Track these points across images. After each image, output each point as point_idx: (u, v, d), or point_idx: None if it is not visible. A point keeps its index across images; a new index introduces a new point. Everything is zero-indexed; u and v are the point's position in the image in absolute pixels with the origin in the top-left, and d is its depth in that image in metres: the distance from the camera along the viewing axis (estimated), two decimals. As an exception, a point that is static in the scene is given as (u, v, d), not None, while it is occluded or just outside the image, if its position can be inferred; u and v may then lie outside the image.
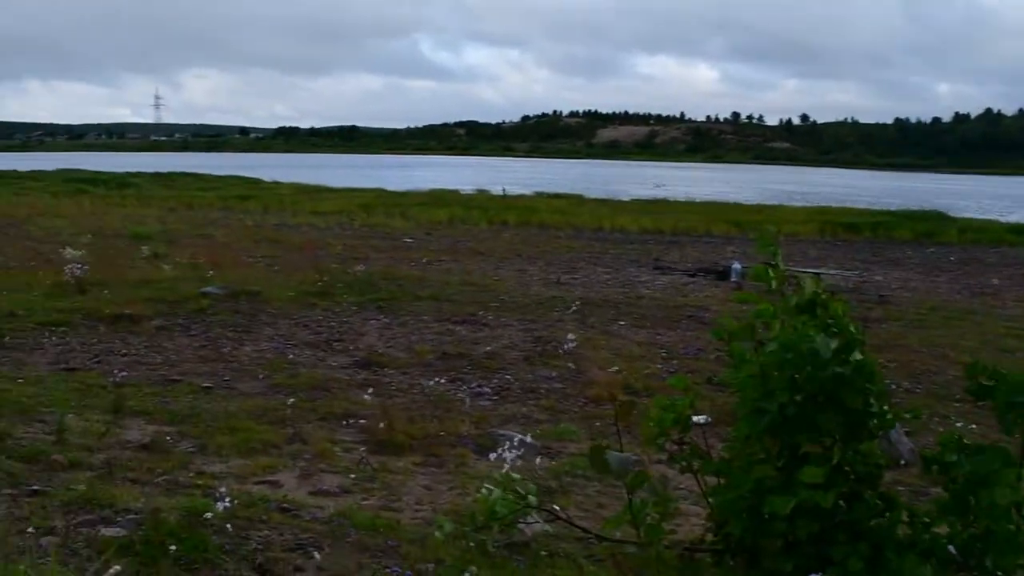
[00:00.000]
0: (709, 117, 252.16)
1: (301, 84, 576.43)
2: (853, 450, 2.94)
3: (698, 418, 3.47)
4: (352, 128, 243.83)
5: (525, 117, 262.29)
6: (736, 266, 17.29)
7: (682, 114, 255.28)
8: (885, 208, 36.48)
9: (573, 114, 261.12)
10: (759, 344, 3.06)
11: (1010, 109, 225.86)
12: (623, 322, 12.17)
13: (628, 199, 39.44)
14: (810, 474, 2.83)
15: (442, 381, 8.59)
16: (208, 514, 4.68)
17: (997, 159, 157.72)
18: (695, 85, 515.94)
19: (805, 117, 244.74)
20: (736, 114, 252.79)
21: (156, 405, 7.41)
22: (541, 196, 39.42)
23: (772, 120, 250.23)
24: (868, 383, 2.92)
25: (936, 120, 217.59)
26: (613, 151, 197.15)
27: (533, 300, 13.42)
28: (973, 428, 7.06)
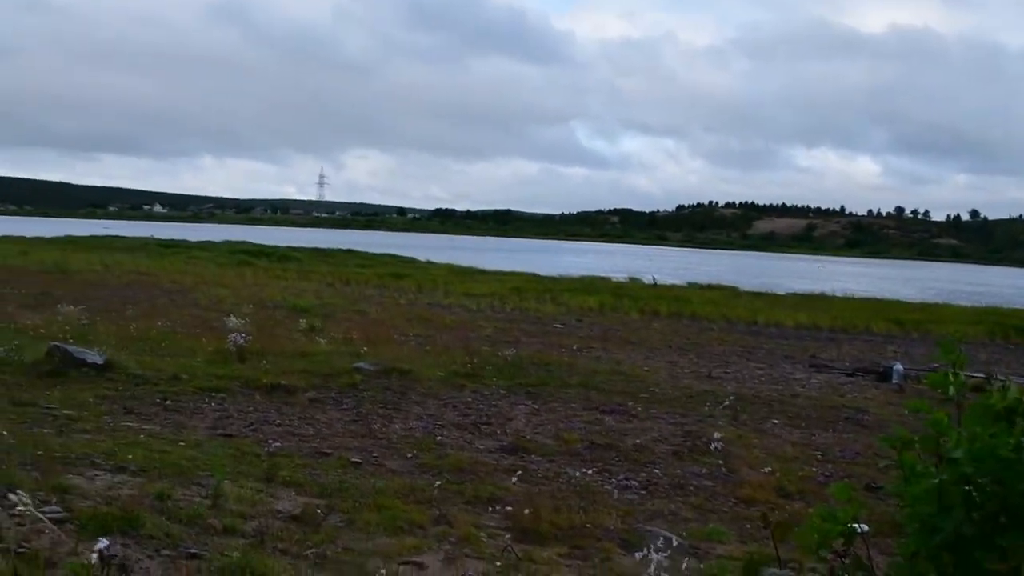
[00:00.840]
0: (871, 211, 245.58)
1: (458, 167, 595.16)
2: None
3: (858, 527, 3.30)
4: (507, 212, 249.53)
5: (680, 206, 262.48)
6: (898, 367, 16.45)
7: (842, 207, 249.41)
8: None
9: (728, 205, 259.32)
10: (940, 457, 2.87)
11: None
12: (777, 420, 11.74)
13: (784, 292, 38.47)
14: None
15: (589, 471, 8.46)
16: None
17: None
18: (856, 178, 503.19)
19: (975, 213, 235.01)
20: (900, 208, 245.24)
21: (307, 477, 7.57)
22: (694, 286, 38.98)
23: (938, 215, 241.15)
24: None
25: None
26: (769, 243, 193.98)
27: (683, 393, 13.14)
28: None
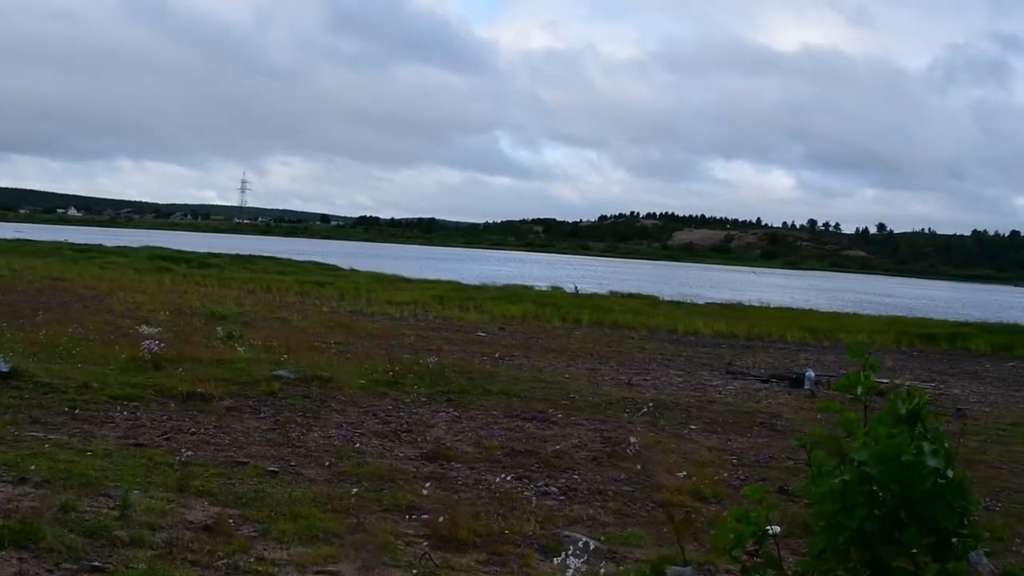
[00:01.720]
0: (785, 223, 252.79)
1: (382, 175, 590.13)
2: (941, 571, 2.77)
3: (770, 528, 3.35)
4: (431, 220, 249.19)
5: (602, 216, 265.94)
6: (810, 374, 16.90)
7: (758, 219, 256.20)
8: (962, 319, 35.93)
9: (650, 215, 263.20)
10: (844, 457, 2.93)
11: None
12: (694, 426, 11.91)
13: (703, 302, 39.16)
14: None
15: (508, 478, 8.44)
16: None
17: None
18: (771, 191, 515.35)
19: (882, 226, 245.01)
20: (812, 221, 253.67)
21: (221, 486, 7.39)
22: (615, 295, 39.39)
23: (848, 228, 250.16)
24: (964, 501, 2.77)
25: (1015, 233, 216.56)
26: (688, 253, 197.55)
27: (603, 400, 13.23)
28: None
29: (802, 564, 3.18)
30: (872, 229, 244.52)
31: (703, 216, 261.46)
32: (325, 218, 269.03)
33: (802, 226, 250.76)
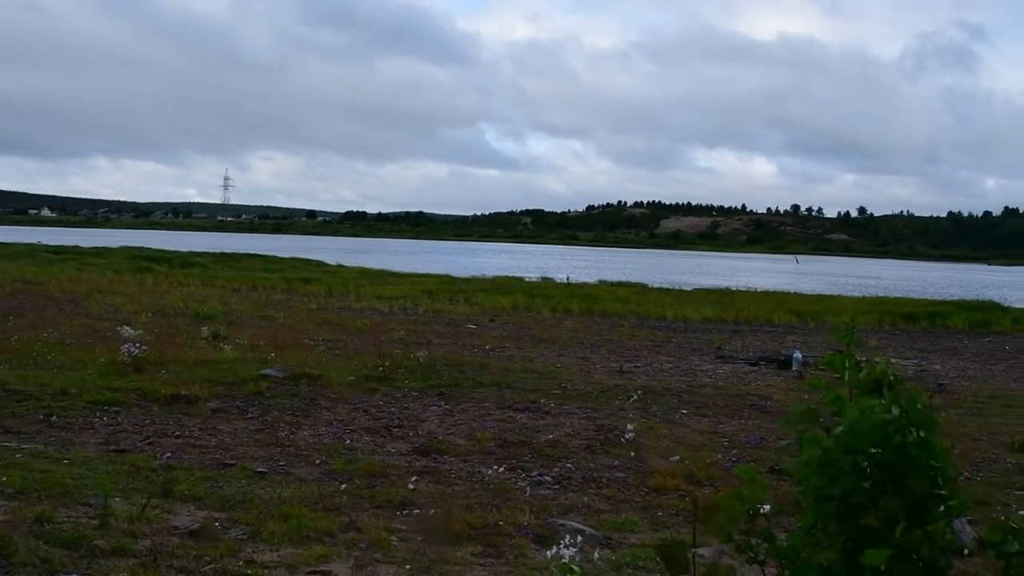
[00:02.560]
0: (770, 209, 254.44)
1: (368, 169, 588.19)
2: (920, 533, 2.72)
3: (761, 507, 3.33)
4: (419, 214, 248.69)
5: (590, 207, 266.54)
6: (797, 355, 16.99)
7: (743, 206, 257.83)
8: (941, 298, 36.74)
9: (637, 204, 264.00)
10: (823, 429, 2.90)
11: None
12: (685, 411, 11.87)
13: (691, 288, 39.21)
14: (872, 556, 2.62)
15: (502, 469, 8.38)
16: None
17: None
18: (755, 178, 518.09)
19: (863, 210, 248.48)
20: (796, 207, 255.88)
21: (207, 490, 7.23)
22: (604, 284, 39.36)
23: (831, 213, 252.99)
24: (933, 461, 2.73)
25: (987, 214, 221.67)
26: (676, 241, 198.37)
27: (595, 388, 13.17)
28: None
29: (793, 539, 3.14)
30: (854, 213, 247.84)
31: (689, 204, 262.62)
32: (311, 214, 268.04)
33: (786, 211, 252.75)
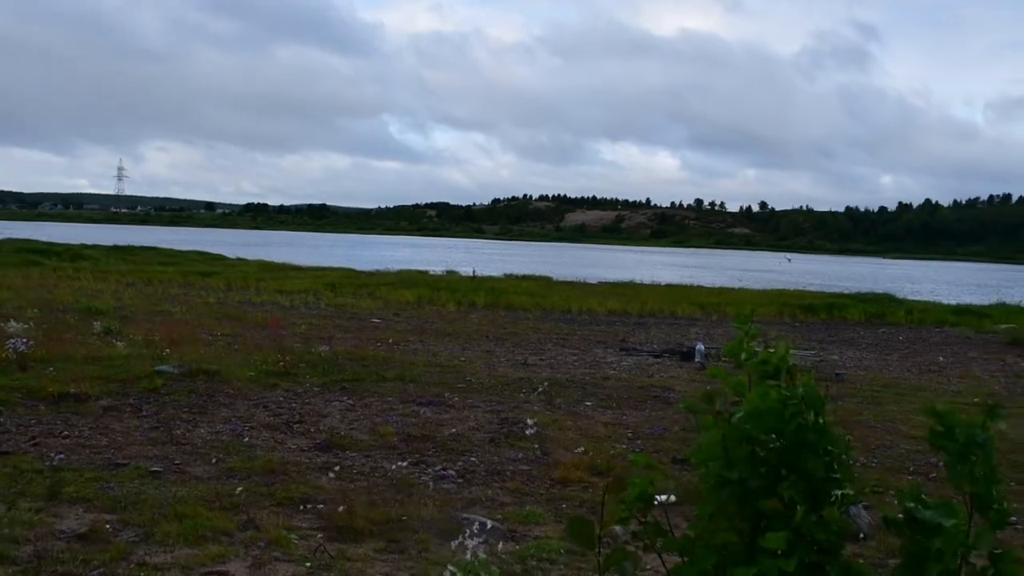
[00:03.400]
0: (673, 203, 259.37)
1: (268, 161, 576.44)
2: (815, 517, 2.78)
3: (663, 497, 3.32)
4: (322, 207, 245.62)
5: (495, 200, 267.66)
6: (700, 347, 17.29)
7: (647, 200, 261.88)
8: (838, 291, 37.83)
9: (542, 198, 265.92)
10: (720, 414, 2.92)
11: (945, 200, 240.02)
12: (589, 403, 11.96)
13: (596, 282, 39.61)
14: (772, 540, 2.66)
15: (405, 464, 8.28)
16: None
17: (935, 245, 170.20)
18: (658, 172, 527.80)
19: (764, 204, 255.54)
20: (699, 200, 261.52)
21: (97, 491, 6.96)
22: (510, 278, 39.45)
23: (733, 207, 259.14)
24: (829, 446, 2.78)
25: (883, 209, 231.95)
26: (581, 234, 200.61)
27: (500, 381, 13.17)
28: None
29: (693, 527, 3.16)
30: (755, 207, 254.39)
31: (594, 197, 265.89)
32: (210, 206, 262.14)
33: (689, 205, 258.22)
